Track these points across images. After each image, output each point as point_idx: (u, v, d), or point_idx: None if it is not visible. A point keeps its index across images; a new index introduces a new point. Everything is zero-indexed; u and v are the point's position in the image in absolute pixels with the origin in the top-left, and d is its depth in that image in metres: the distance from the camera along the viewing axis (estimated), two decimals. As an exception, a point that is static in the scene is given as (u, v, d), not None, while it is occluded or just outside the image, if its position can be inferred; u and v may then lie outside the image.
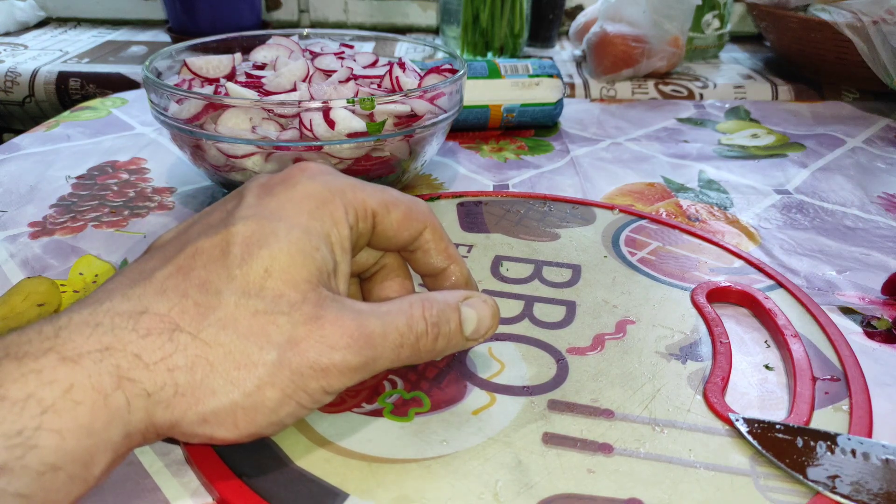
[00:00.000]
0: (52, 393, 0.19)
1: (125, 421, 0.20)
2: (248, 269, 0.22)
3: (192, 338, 0.21)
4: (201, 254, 0.23)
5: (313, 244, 0.23)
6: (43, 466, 0.18)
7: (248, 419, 0.22)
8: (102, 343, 0.20)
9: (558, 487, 0.24)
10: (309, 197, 0.25)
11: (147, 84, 0.43)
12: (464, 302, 0.26)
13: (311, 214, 0.24)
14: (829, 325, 0.34)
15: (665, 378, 0.30)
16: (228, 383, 0.21)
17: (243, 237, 0.23)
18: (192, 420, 0.21)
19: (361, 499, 0.24)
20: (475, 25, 0.87)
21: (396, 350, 0.24)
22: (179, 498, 0.25)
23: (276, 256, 0.22)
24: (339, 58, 0.50)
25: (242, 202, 0.24)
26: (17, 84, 0.84)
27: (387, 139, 0.41)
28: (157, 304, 0.21)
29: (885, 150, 0.60)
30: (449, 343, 0.26)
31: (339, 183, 0.26)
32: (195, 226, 0.25)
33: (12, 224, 0.44)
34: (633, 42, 0.76)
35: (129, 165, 0.54)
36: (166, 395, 0.20)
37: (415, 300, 0.25)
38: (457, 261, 0.29)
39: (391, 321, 0.24)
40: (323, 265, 0.23)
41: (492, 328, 0.27)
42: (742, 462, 0.26)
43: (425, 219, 0.28)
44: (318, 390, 0.22)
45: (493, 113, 0.60)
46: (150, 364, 0.20)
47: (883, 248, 0.43)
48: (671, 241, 0.42)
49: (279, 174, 0.26)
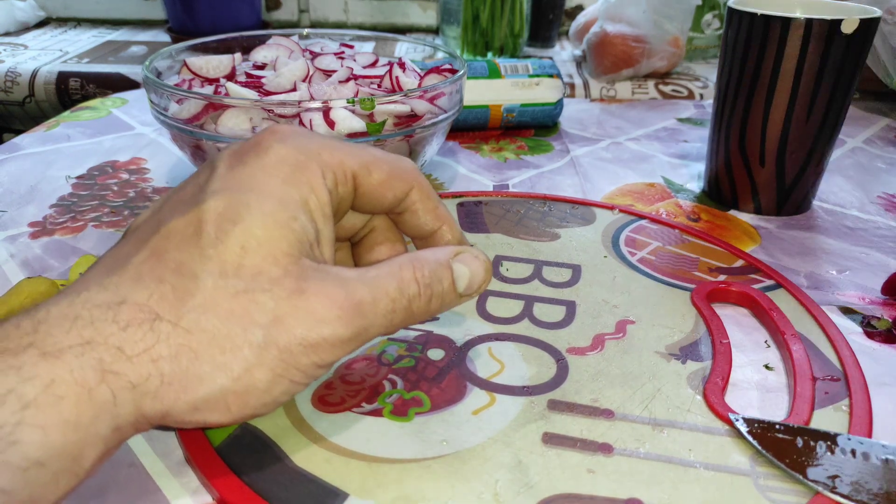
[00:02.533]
0: (34, 388, 0.18)
1: (113, 414, 0.20)
2: (224, 247, 0.21)
3: (172, 326, 0.20)
4: (174, 234, 0.22)
5: (290, 214, 0.22)
6: (26, 462, 0.18)
7: (241, 402, 0.21)
8: (83, 337, 0.19)
9: (558, 487, 0.24)
10: (282, 162, 0.23)
11: (147, 84, 0.43)
12: (455, 258, 0.25)
13: (285, 181, 0.23)
14: (829, 325, 0.34)
15: (665, 378, 0.30)
16: (215, 369, 0.20)
17: (215, 213, 0.22)
18: (182, 409, 0.20)
19: (361, 498, 0.24)
20: (475, 25, 0.87)
21: (388, 316, 0.23)
22: (179, 498, 0.25)
23: (252, 231, 0.21)
24: (339, 58, 0.50)
25: (213, 174, 0.23)
26: (17, 84, 0.84)
27: (387, 139, 0.41)
28: (135, 293, 0.21)
29: (885, 150, 0.60)
30: (443, 302, 0.25)
31: (314, 145, 0.24)
32: (167, 203, 0.23)
33: (12, 224, 0.44)
34: (633, 42, 0.76)
35: (129, 165, 0.54)
36: (152, 386, 0.20)
37: (404, 261, 0.24)
38: (447, 221, 0.28)
39: (380, 286, 0.23)
40: (303, 235, 0.22)
41: (485, 282, 0.26)
42: (742, 462, 0.26)
43: (411, 178, 0.26)
44: (309, 366, 0.21)
45: (493, 113, 0.60)
46: (132, 356, 0.20)
47: (883, 248, 0.43)
48: (671, 241, 0.42)
49: (250, 139, 0.24)
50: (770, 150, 0.45)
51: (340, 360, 0.22)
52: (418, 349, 0.32)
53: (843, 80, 0.42)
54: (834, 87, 0.42)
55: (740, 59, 0.44)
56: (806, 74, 0.42)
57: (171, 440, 0.27)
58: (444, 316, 0.34)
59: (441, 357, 0.31)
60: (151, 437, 0.27)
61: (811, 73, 0.42)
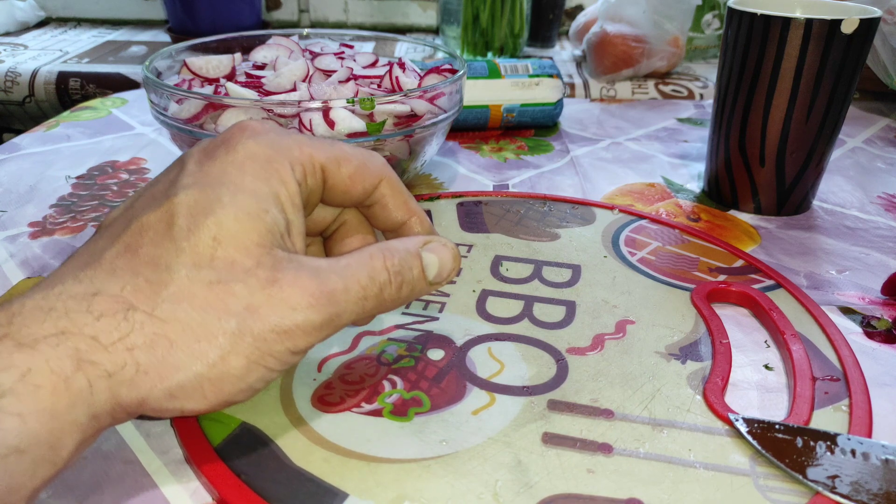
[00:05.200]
0: (10, 378, 0.19)
1: (89, 403, 0.20)
2: (196, 239, 0.22)
3: (147, 316, 0.21)
4: (147, 229, 0.22)
5: (261, 206, 0.23)
6: (5, 449, 0.18)
7: (216, 389, 0.21)
8: (58, 327, 0.20)
9: (558, 487, 0.24)
10: (252, 157, 0.24)
11: (147, 84, 0.43)
12: (424, 247, 0.26)
13: (255, 175, 0.23)
14: (829, 325, 0.34)
15: (665, 378, 0.30)
16: (191, 357, 0.21)
17: (187, 207, 0.22)
18: (158, 396, 0.21)
19: (361, 498, 0.24)
20: (475, 25, 0.87)
21: (360, 303, 0.23)
22: (179, 498, 0.25)
23: (224, 223, 0.22)
24: (339, 58, 0.50)
25: (184, 170, 0.24)
26: (17, 84, 0.84)
27: (387, 139, 0.41)
28: (109, 285, 0.21)
29: (885, 150, 0.60)
30: (413, 290, 0.25)
31: (284, 141, 0.25)
32: (140, 199, 0.24)
33: (12, 224, 0.44)
34: (633, 42, 0.76)
35: (129, 165, 0.54)
36: (128, 375, 0.20)
37: (374, 251, 0.24)
38: (417, 213, 0.28)
39: (352, 274, 0.23)
40: (274, 226, 0.23)
41: (453, 270, 0.27)
42: (742, 462, 0.26)
43: (380, 172, 0.27)
44: (284, 352, 0.22)
45: (493, 113, 0.60)
46: (107, 345, 0.20)
47: (883, 248, 0.43)
48: (671, 241, 0.42)
49: (219, 136, 0.25)
50: (770, 150, 0.45)
51: (313, 345, 0.23)
52: (418, 349, 0.32)
53: (843, 80, 0.42)
54: (834, 87, 0.42)
55: (740, 59, 0.44)
56: (806, 74, 0.42)
57: (170, 439, 0.27)
58: (444, 316, 0.34)
59: (441, 357, 0.31)
60: (150, 436, 0.27)
61: (811, 73, 0.42)
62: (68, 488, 0.25)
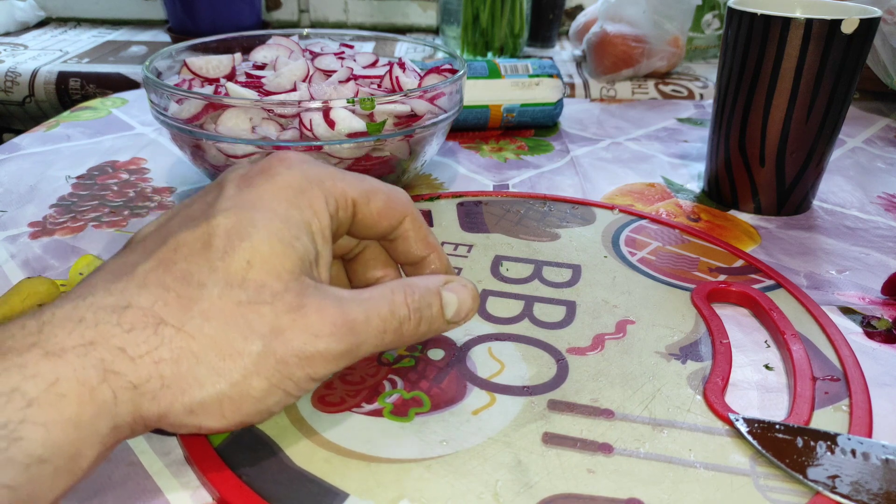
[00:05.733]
0: (37, 387, 0.19)
1: (112, 413, 0.20)
2: (231, 260, 0.22)
3: (176, 330, 0.21)
4: (183, 246, 0.23)
5: (294, 234, 0.23)
6: (29, 458, 0.18)
7: (235, 408, 0.22)
8: (86, 338, 0.20)
9: (558, 487, 0.24)
10: (288, 187, 0.25)
11: (147, 84, 0.43)
12: (444, 286, 0.27)
13: (290, 204, 0.24)
14: (829, 324, 0.34)
15: (665, 378, 0.30)
16: (214, 374, 0.21)
17: (225, 229, 0.23)
18: (179, 411, 0.21)
19: (361, 499, 0.24)
20: (475, 25, 0.87)
21: (380, 336, 0.24)
22: (179, 498, 0.25)
23: (258, 247, 0.23)
24: (339, 58, 0.50)
25: (222, 194, 0.24)
26: (17, 84, 0.84)
27: (387, 139, 0.41)
28: (140, 298, 0.21)
29: (885, 150, 0.60)
30: (431, 327, 0.26)
31: (318, 172, 0.26)
32: (175, 218, 0.25)
33: (12, 224, 0.44)
34: (633, 42, 0.76)
35: (129, 165, 0.54)
36: (152, 388, 0.21)
37: (396, 286, 0.25)
38: (436, 249, 0.30)
39: (373, 307, 0.24)
40: (304, 254, 0.24)
41: (472, 310, 0.28)
42: (742, 462, 0.26)
43: (405, 208, 0.28)
44: (303, 378, 0.23)
45: (493, 113, 0.60)
46: (135, 357, 0.20)
47: (883, 248, 0.43)
48: (671, 241, 0.42)
49: (258, 164, 0.26)
50: (770, 150, 0.45)
51: (330, 375, 0.24)
52: (418, 349, 0.32)
53: (843, 80, 0.42)
54: (834, 87, 0.42)
55: (740, 59, 0.44)
56: (806, 74, 0.42)
57: (170, 440, 0.27)
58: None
59: (441, 357, 0.31)
60: (151, 437, 0.27)
61: (811, 73, 0.42)
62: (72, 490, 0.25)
